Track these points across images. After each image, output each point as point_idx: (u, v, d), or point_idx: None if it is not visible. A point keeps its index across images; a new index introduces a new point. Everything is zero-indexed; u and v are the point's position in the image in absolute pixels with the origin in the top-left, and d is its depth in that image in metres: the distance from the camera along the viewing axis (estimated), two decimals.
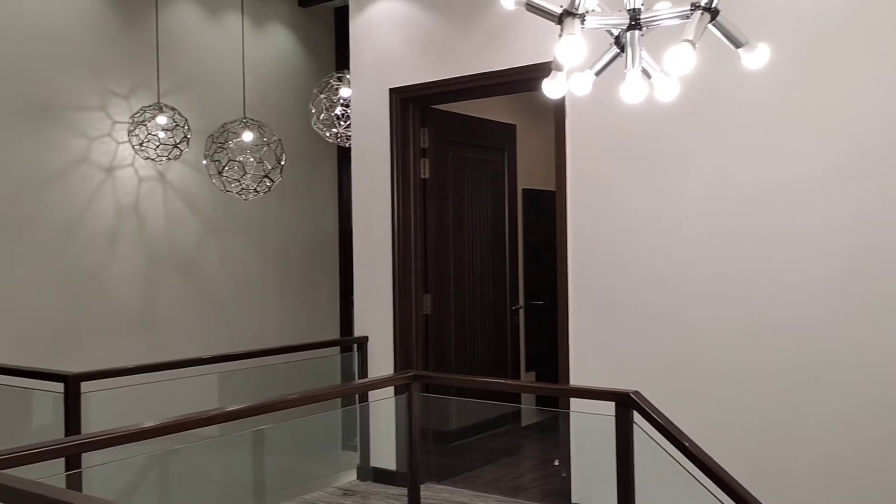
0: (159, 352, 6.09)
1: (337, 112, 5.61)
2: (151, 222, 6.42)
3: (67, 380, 3.44)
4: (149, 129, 5.90)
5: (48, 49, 5.79)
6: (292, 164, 6.60)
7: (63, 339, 5.79)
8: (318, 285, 7.69)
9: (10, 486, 1.78)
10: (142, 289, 6.34)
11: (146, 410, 3.88)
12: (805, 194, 3.61)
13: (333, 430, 5.22)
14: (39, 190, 5.74)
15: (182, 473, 4.24)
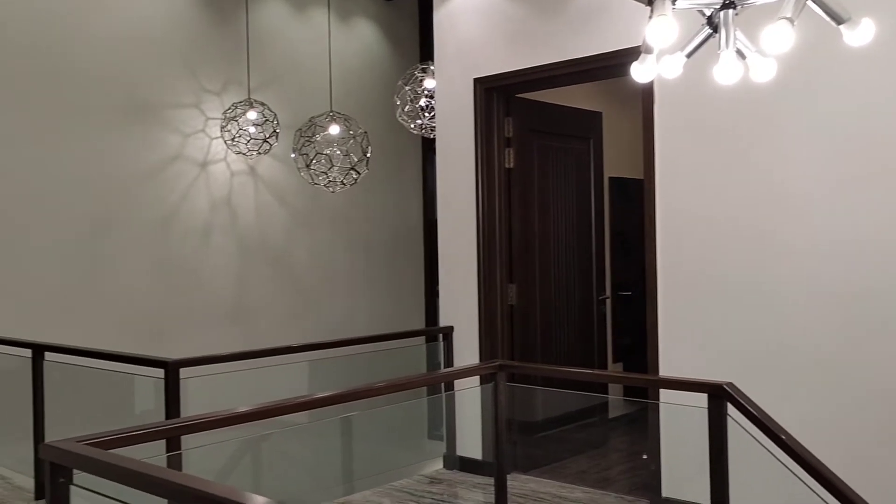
0: (251, 340, 6.28)
1: (421, 103, 5.65)
2: (243, 215, 6.61)
3: (167, 366, 3.58)
4: (240, 125, 6.08)
5: (147, 51, 6.03)
6: (378, 156, 6.68)
7: (161, 327, 6.04)
8: (403, 276, 7.77)
9: (119, 465, 1.87)
10: (234, 279, 6.55)
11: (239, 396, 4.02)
12: None
13: (419, 419, 5.28)
14: (140, 185, 5.99)
15: (273, 458, 4.36)
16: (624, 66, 4.01)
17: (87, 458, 1.95)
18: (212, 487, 1.67)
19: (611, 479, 4.70)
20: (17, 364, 4.68)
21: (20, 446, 4.61)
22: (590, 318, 5.42)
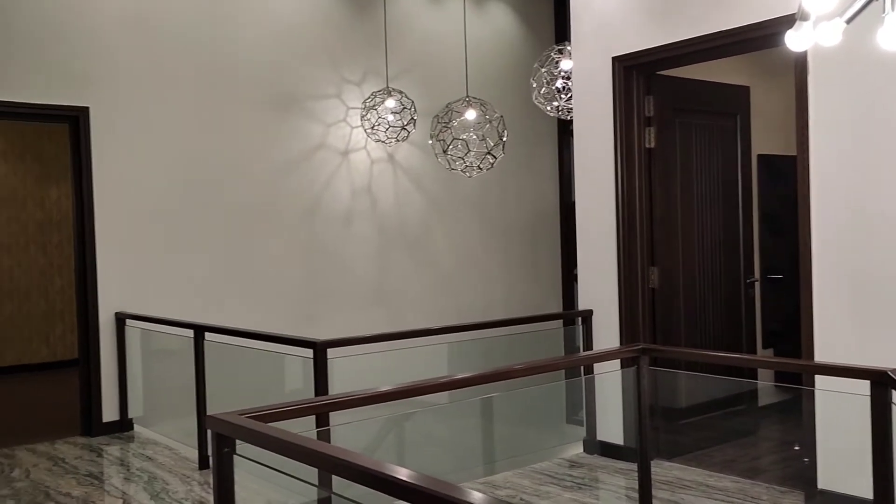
0: (391, 322, 6.45)
1: (558, 85, 5.58)
2: (382, 201, 6.79)
3: (316, 346, 3.74)
4: (379, 113, 6.23)
5: (293, 47, 6.29)
6: (514, 139, 6.67)
7: (308, 309, 6.32)
8: (540, 259, 7.74)
9: (278, 437, 1.98)
10: (375, 263, 6.74)
11: (381, 375, 4.14)
12: None
13: (558, 402, 5.25)
14: (286, 174, 6.27)
15: (416, 437, 4.47)
16: (774, 36, 3.82)
17: (249, 429, 2.08)
18: (362, 460, 1.73)
19: (761, 468, 4.51)
20: (180, 344, 5.03)
21: (185, 420, 4.97)
22: (737, 303, 5.20)
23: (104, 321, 5.52)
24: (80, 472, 4.63)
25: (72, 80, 5.38)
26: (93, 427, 5.46)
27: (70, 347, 8.49)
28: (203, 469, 4.59)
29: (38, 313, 8.51)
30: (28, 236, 8.40)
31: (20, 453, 5.03)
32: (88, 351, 5.50)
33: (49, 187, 8.52)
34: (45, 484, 4.40)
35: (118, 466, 4.86)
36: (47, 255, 8.54)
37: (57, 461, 4.86)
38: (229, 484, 2.19)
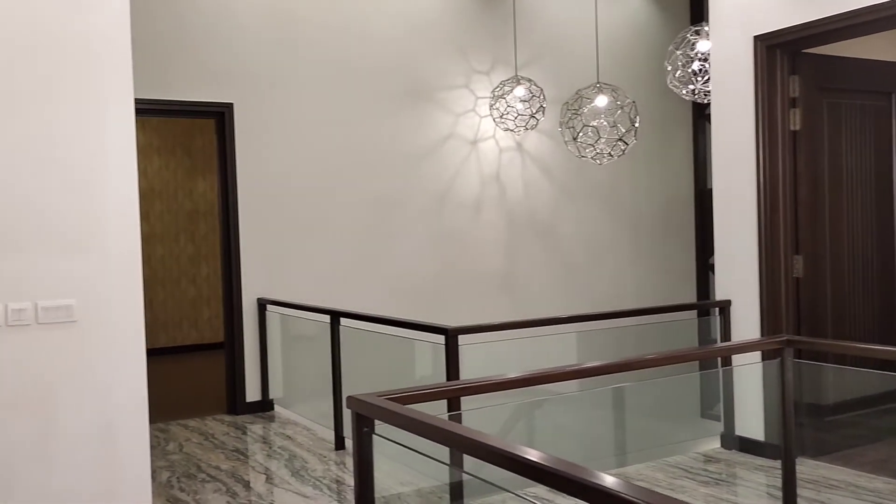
0: (518, 310, 6.46)
1: (694, 67, 5.39)
2: (511, 189, 6.79)
3: (448, 333, 3.80)
4: (508, 102, 6.22)
5: (424, 40, 6.39)
6: (646, 125, 6.51)
7: (437, 295, 6.42)
8: (672, 248, 7.53)
9: (417, 419, 2.02)
10: (503, 251, 6.76)
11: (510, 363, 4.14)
12: None
13: (692, 395, 5.10)
14: (418, 163, 6.39)
15: (546, 426, 4.46)
16: None
17: (388, 410, 2.14)
18: (505, 444, 1.75)
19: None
20: (316, 329, 5.23)
21: (321, 402, 5.16)
22: (891, 293, 4.87)
23: (247, 306, 5.81)
24: (227, 447, 4.91)
25: (218, 78, 5.68)
26: (237, 406, 5.77)
27: (216, 331, 9.00)
28: (339, 450, 4.76)
29: (188, 299, 9.07)
30: (178, 226, 8.95)
31: (174, 428, 5.39)
32: (233, 334, 5.81)
33: (197, 180, 9.04)
34: (197, 457, 4.69)
35: (261, 444, 5.11)
36: (195, 244, 9.07)
37: (207, 436, 5.17)
38: (368, 462, 2.26)
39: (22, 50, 2.97)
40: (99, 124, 3.12)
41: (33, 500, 2.98)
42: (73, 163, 3.06)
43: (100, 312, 3.12)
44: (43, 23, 3.00)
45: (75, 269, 3.07)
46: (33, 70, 2.99)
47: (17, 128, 2.96)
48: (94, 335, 3.11)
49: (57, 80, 3.03)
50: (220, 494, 4.01)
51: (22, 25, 2.97)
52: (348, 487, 4.10)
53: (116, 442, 3.15)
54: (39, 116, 3.00)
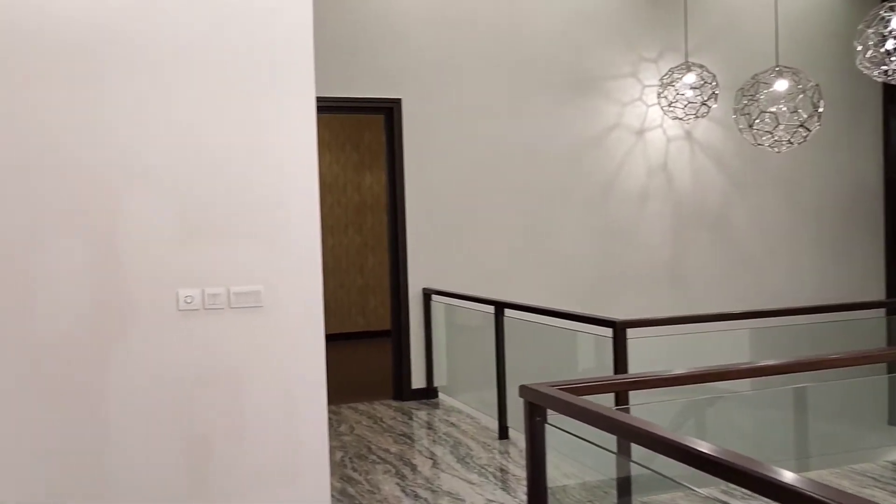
0: (686, 304, 6.25)
1: (888, 47, 4.98)
2: (679, 180, 6.57)
3: (616, 326, 3.74)
4: (677, 90, 6.02)
5: (588, 27, 6.31)
6: (829, 110, 6.10)
7: (600, 288, 6.33)
8: (857, 241, 7.02)
9: (594, 410, 2.01)
10: (670, 243, 6.56)
11: (677, 358, 4.03)
12: None
13: (880, 400, 4.75)
14: (582, 154, 6.32)
15: (718, 425, 4.30)
16: None
17: (562, 400, 2.14)
18: (689, 440, 1.71)
19: None
20: (479, 319, 5.30)
21: (484, 391, 5.24)
22: None
23: (413, 296, 5.98)
24: (395, 431, 5.09)
25: (388, 75, 5.87)
26: (403, 392, 5.96)
27: (381, 319, 9.34)
28: (503, 439, 4.81)
29: (356, 288, 9.46)
30: (347, 219, 9.35)
31: (345, 411, 5.65)
32: (400, 323, 6.01)
33: (364, 174, 9.40)
34: (367, 439, 4.89)
35: (426, 430, 5.26)
36: (363, 235, 9.45)
37: (376, 420, 5.38)
38: (540, 451, 2.27)
39: (216, 54, 3.21)
40: (284, 122, 3.31)
41: (227, 471, 3.23)
42: (262, 159, 3.28)
43: (284, 298, 3.32)
44: (235, 30, 3.23)
45: (263, 258, 3.28)
46: (227, 73, 3.22)
47: (216, 127, 3.20)
48: (278, 319, 3.32)
49: (247, 82, 3.25)
50: (390, 476, 4.17)
51: (215, 31, 3.20)
52: (512, 476, 4.14)
53: (298, 421, 3.35)
54: (234, 117, 3.23)
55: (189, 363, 3.18)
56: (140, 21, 3.10)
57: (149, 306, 3.13)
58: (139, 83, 3.09)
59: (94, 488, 3.06)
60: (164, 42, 3.13)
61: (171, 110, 3.14)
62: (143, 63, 3.10)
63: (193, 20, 3.17)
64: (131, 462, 3.11)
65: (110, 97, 3.06)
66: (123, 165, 3.08)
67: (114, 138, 3.06)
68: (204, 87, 3.19)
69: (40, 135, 2.97)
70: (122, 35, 3.07)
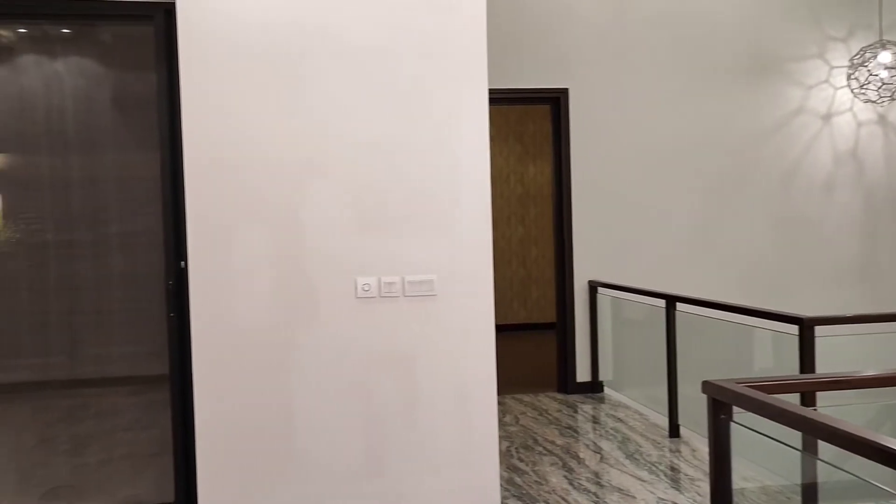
0: (876, 301, 5.79)
1: None
2: (870, 168, 6.09)
3: (803, 323, 3.52)
4: (870, 70, 5.58)
5: (768, 4, 5.95)
6: None
7: (780, 282, 5.97)
8: None
9: (787, 410, 1.90)
10: (858, 236, 6.10)
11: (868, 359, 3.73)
12: None
13: None
14: (761, 141, 5.99)
15: None
16: None
17: (752, 399, 2.04)
18: None
19: None
20: (647, 313, 5.16)
21: (652, 388, 5.09)
22: None
23: (578, 288, 5.91)
24: (560, 424, 5.06)
25: (554, 65, 5.82)
26: (568, 385, 5.91)
27: (543, 311, 9.30)
28: (673, 437, 4.66)
29: (518, 279, 9.48)
30: (510, 210, 9.38)
31: (509, 402, 5.68)
32: (564, 316, 5.95)
33: (528, 165, 9.39)
34: (533, 431, 4.89)
35: (592, 424, 5.19)
36: (525, 226, 9.44)
37: (541, 412, 5.37)
38: (725, 448, 2.18)
39: (394, 52, 3.30)
40: (457, 115, 3.36)
41: (401, 452, 3.33)
42: (437, 152, 3.34)
43: (456, 287, 3.38)
44: (412, 28, 3.31)
45: (436, 248, 3.35)
46: (403, 70, 3.31)
47: (392, 123, 3.30)
48: (450, 308, 3.38)
49: (422, 78, 3.32)
50: (557, 468, 4.15)
51: (393, 31, 3.30)
52: (685, 476, 4.00)
53: (468, 408, 3.40)
54: (409, 112, 3.32)
55: (366, 348, 3.31)
56: (324, 29, 3.24)
57: (330, 293, 3.28)
58: (325, 85, 3.24)
59: (282, 466, 3.25)
60: (346, 45, 3.26)
61: (352, 108, 3.27)
62: (328, 67, 3.25)
63: (372, 22, 3.28)
64: (316, 441, 3.28)
65: (301, 101, 3.23)
66: (308, 161, 3.24)
67: (301, 137, 3.23)
68: (381, 84, 3.29)
69: (239, 133, 3.18)
70: (312, 43, 3.22)
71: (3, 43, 3.73)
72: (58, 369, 4.02)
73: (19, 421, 4.00)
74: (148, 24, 3.26)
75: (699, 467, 4.11)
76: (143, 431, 3.96)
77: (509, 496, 3.74)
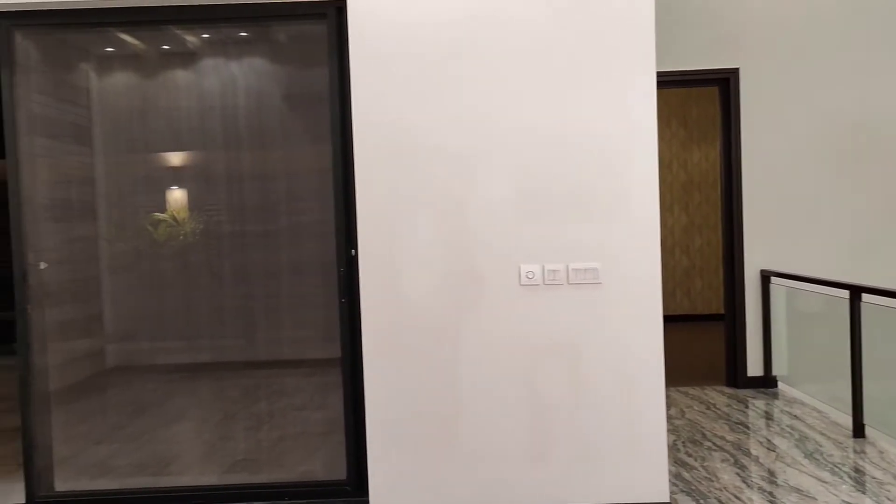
0: None
1: None
2: None
3: None
4: None
5: None
6: None
7: None
8: None
9: None
10: None
11: None
12: None
13: None
14: None
15: None
16: None
17: None
18: None
19: None
20: (829, 304, 4.82)
21: (834, 384, 4.76)
22: None
23: (749, 278, 5.62)
24: (730, 419, 4.84)
25: (722, 43, 5.55)
26: (737, 379, 5.64)
27: (708, 302, 8.94)
28: (858, 437, 4.34)
29: (681, 269, 9.15)
30: (673, 197, 9.06)
31: (673, 394, 5.49)
32: (734, 307, 5.68)
33: (692, 150, 9.03)
34: (700, 425, 4.71)
35: (765, 420, 4.92)
36: (689, 214, 9.09)
37: (708, 406, 5.16)
38: None
39: (559, 39, 3.26)
40: (623, 100, 3.28)
41: (568, 439, 3.31)
42: (602, 138, 3.28)
43: (622, 276, 3.30)
44: (578, 13, 3.25)
45: (602, 236, 3.29)
46: (570, 57, 3.26)
47: (556, 108, 3.27)
48: (615, 297, 3.31)
49: (588, 64, 3.26)
50: (728, 465, 3.97)
51: (559, 18, 3.25)
52: (872, 479, 3.71)
53: (635, 399, 3.32)
54: (573, 97, 3.27)
55: (530, 335, 3.31)
56: (488, 18, 3.26)
57: (495, 280, 3.30)
58: (489, 74, 3.26)
59: (448, 449, 3.31)
60: (510, 34, 3.26)
61: (516, 96, 3.27)
62: (492, 56, 3.26)
63: (535, 10, 3.26)
64: (481, 426, 3.31)
65: (466, 91, 3.27)
66: (473, 150, 3.27)
67: (466, 126, 3.26)
68: (545, 70, 3.27)
69: (406, 124, 3.26)
70: (476, 33, 3.25)
71: (189, 48, 4.01)
72: (236, 351, 4.27)
73: (204, 398, 4.29)
74: (321, 22, 3.39)
75: (888, 470, 3.81)
76: (315, 412, 4.15)
77: (677, 491, 3.62)
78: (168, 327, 4.15)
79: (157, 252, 4.09)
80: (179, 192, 4.05)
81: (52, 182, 3.74)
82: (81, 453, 3.91)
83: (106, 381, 4.18)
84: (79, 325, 4.01)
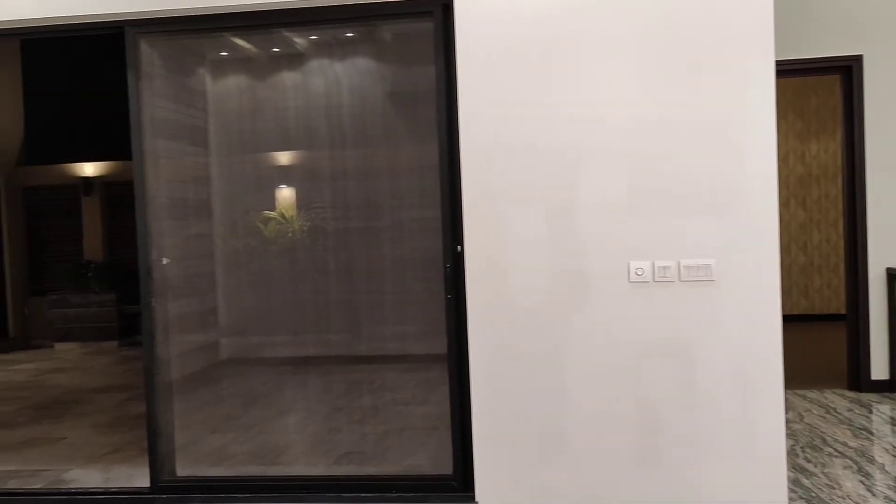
0: None
1: None
2: None
3: None
4: None
5: None
6: None
7: None
8: None
9: None
10: None
11: None
12: None
13: None
14: None
15: None
16: None
17: None
18: None
19: None
20: None
21: None
22: None
23: (874, 277, 5.32)
24: (853, 424, 4.58)
25: (843, 29, 5.26)
26: (860, 383, 5.34)
27: (827, 302, 8.51)
28: None
29: (798, 267, 8.75)
30: (789, 191, 8.67)
31: (790, 397, 5.25)
32: (857, 306, 5.38)
33: (810, 142, 8.61)
34: (820, 430, 4.48)
35: (891, 426, 4.64)
36: (807, 209, 8.68)
37: (828, 410, 4.91)
38: None
39: (671, 29, 3.16)
40: (740, 91, 3.15)
41: (678, 439, 3.21)
42: (716, 130, 3.16)
43: (737, 273, 3.17)
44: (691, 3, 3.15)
45: (715, 231, 3.17)
46: (681, 47, 3.16)
47: (668, 100, 3.17)
48: (731, 295, 3.18)
49: (702, 54, 3.15)
50: (851, 472, 3.76)
51: (671, 7, 3.16)
52: None
53: (751, 401, 3.19)
54: (686, 90, 3.16)
55: (639, 334, 3.22)
56: (596, 12, 3.19)
57: (602, 277, 3.23)
58: (598, 68, 3.20)
59: (556, 448, 3.27)
60: (619, 27, 3.18)
61: (626, 89, 3.19)
62: (601, 50, 3.19)
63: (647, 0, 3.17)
64: (588, 425, 3.26)
65: (573, 86, 3.21)
66: (581, 145, 3.21)
67: (574, 121, 3.21)
68: (656, 62, 3.17)
69: (512, 121, 3.24)
70: (583, 28, 3.19)
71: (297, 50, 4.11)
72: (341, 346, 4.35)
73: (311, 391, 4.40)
74: (427, 20, 3.41)
75: None
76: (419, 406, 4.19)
77: (796, 497, 3.45)
78: (277, 321, 4.28)
79: (266, 249, 4.22)
80: (287, 190, 4.17)
81: (171, 182, 3.92)
82: (199, 441, 4.08)
83: (219, 372, 4.35)
84: (195, 319, 4.18)
